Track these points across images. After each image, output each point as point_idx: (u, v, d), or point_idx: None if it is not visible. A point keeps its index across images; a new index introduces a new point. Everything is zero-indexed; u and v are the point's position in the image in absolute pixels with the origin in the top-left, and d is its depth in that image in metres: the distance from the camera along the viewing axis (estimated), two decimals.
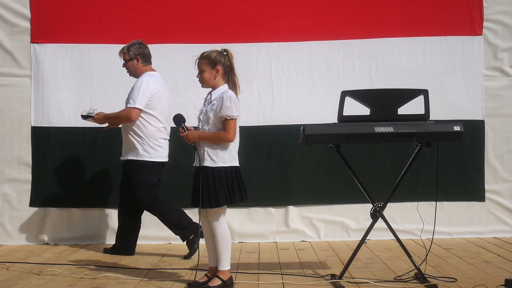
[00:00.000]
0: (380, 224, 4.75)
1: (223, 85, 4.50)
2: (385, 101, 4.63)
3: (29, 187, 6.55)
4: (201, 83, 4.57)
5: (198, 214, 4.56)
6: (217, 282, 4.44)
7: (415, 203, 5.46)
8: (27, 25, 6.57)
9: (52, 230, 6.51)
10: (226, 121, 4.38)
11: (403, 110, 4.59)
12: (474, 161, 6.64)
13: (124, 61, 5.83)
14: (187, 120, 4.63)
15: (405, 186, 5.32)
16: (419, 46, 6.63)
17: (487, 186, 6.65)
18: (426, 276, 4.56)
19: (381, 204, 4.70)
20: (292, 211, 6.60)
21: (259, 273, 4.99)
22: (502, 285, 4.25)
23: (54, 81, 6.55)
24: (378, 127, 4.50)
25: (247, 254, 5.88)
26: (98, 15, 6.57)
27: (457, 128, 4.57)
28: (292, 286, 4.57)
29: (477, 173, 6.64)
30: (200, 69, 4.52)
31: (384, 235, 5.61)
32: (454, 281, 4.57)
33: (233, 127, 4.38)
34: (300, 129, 4.56)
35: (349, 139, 4.58)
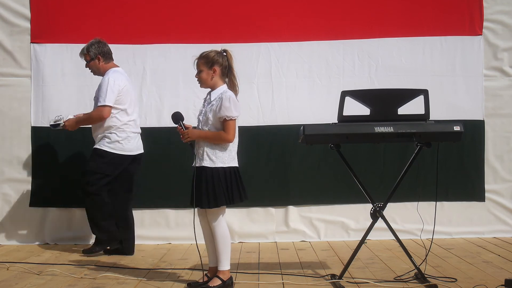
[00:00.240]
0: (380, 224, 4.75)
1: (222, 86, 4.50)
2: (385, 101, 4.63)
3: (29, 187, 6.54)
4: (199, 83, 4.57)
5: (198, 215, 4.56)
6: (217, 282, 4.44)
7: (415, 203, 5.45)
8: (27, 25, 6.57)
9: (52, 230, 6.50)
10: (226, 122, 4.38)
11: (403, 110, 4.59)
12: (474, 161, 6.63)
13: (86, 62, 5.92)
14: (188, 121, 4.63)
15: (405, 186, 5.31)
16: (419, 46, 6.63)
17: (487, 186, 6.65)
18: (426, 276, 4.56)
19: (381, 204, 4.70)
20: (292, 211, 6.60)
21: (259, 273, 4.98)
22: (502, 285, 4.25)
23: (54, 81, 6.55)
24: (378, 127, 4.50)
25: (247, 254, 5.87)
26: (98, 15, 6.57)
27: (457, 128, 4.57)
28: (292, 286, 4.56)
29: (477, 173, 6.63)
30: (198, 69, 4.53)
31: (384, 235, 5.60)
32: (454, 281, 4.57)
33: (233, 128, 4.38)
34: (300, 129, 4.56)
35: (349, 139, 4.58)
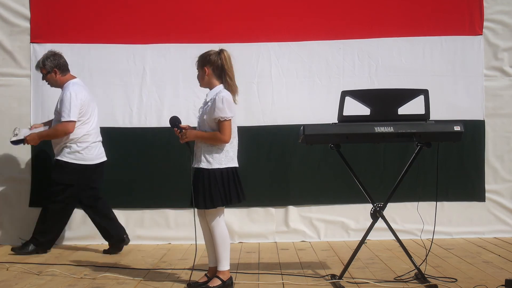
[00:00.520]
0: (380, 224, 4.75)
1: (218, 86, 4.49)
2: (385, 101, 4.63)
3: (29, 187, 6.54)
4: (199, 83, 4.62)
5: (198, 215, 4.57)
6: (217, 283, 4.44)
7: (415, 203, 5.45)
8: (27, 25, 6.57)
9: None
10: (220, 123, 4.37)
11: (403, 110, 4.59)
12: (474, 161, 6.63)
13: (42, 75, 5.94)
14: (188, 121, 4.63)
15: (405, 186, 5.31)
16: (419, 46, 6.63)
17: (487, 186, 6.65)
18: (426, 276, 4.56)
19: (381, 204, 4.70)
20: (292, 211, 6.60)
21: (259, 273, 4.98)
22: (502, 285, 4.25)
23: None
24: (378, 127, 4.50)
25: (247, 254, 5.87)
26: (98, 15, 6.57)
27: (457, 128, 4.57)
28: (292, 286, 4.56)
29: (477, 173, 6.63)
30: (196, 69, 4.56)
31: (384, 235, 5.60)
32: (454, 281, 4.57)
33: (228, 128, 4.37)
34: (300, 129, 4.56)
35: (349, 139, 4.58)
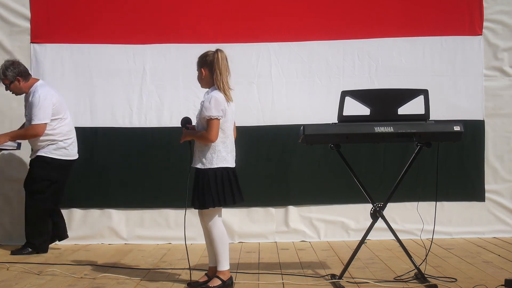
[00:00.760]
0: (380, 224, 4.75)
1: (213, 86, 4.51)
2: (385, 101, 4.63)
3: None
4: None
5: (198, 215, 4.57)
6: (217, 282, 4.44)
7: (415, 203, 5.45)
8: (27, 25, 6.57)
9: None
10: (208, 121, 4.39)
11: (403, 110, 4.59)
12: (474, 161, 6.63)
13: (6, 86, 5.95)
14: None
15: (405, 186, 5.31)
16: (419, 46, 6.63)
17: (487, 186, 6.64)
18: (426, 276, 4.56)
19: (381, 204, 4.70)
20: (292, 211, 6.59)
21: (259, 273, 4.98)
22: (502, 285, 4.25)
23: (54, 81, 6.51)
24: (378, 127, 4.50)
25: (247, 254, 5.87)
26: (98, 15, 6.57)
27: (457, 128, 4.57)
28: (292, 286, 4.56)
29: (477, 173, 6.63)
30: (196, 70, 4.58)
31: (384, 235, 5.60)
32: (454, 281, 4.57)
33: (214, 128, 4.37)
34: (300, 129, 4.56)
35: (349, 139, 4.58)
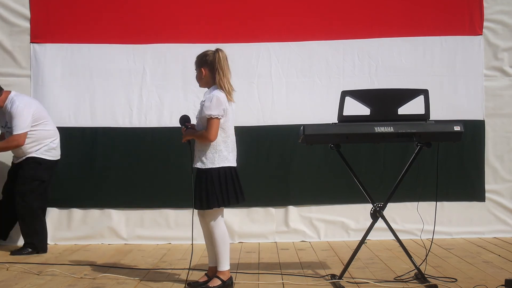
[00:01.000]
0: (380, 224, 4.74)
1: (213, 86, 4.51)
2: (385, 101, 4.63)
3: None
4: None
5: (198, 215, 4.57)
6: (217, 283, 4.44)
7: (415, 203, 5.45)
8: (27, 25, 6.56)
9: (52, 230, 6.47)
10: (208, 121, 4.39)
11: (403, 110, 4.58)
12: (474, 161, 6.63)
13: None
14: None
15: (405, 186, 5.31)
16: (419, 46, 6.63)
17: (487, 186, 6.64)
18: (426, 276, 4.56)
19: (381, 204, 4.70)
20: (292, 211, 6.59)
21: (259, 273, 4.98)
22: (502, 285, 4.24)
23: (54, 81, 6.54)
24: (378, 127, 4.50)
25: (247, 254, 5.87)
26: (98, 15, 6.57)
27: (457, 128, 4.57)
28: (292, 286, 4.56)
29: (477, 173, 6.63)
30: (195, 70, 4.58)
31: (384, 235, 5.60)
32: (454, 281, 4.57)
33: (214, 127, 4.36)
34: (300, 129, 4.56)
35: (349, 139, 4.58)
